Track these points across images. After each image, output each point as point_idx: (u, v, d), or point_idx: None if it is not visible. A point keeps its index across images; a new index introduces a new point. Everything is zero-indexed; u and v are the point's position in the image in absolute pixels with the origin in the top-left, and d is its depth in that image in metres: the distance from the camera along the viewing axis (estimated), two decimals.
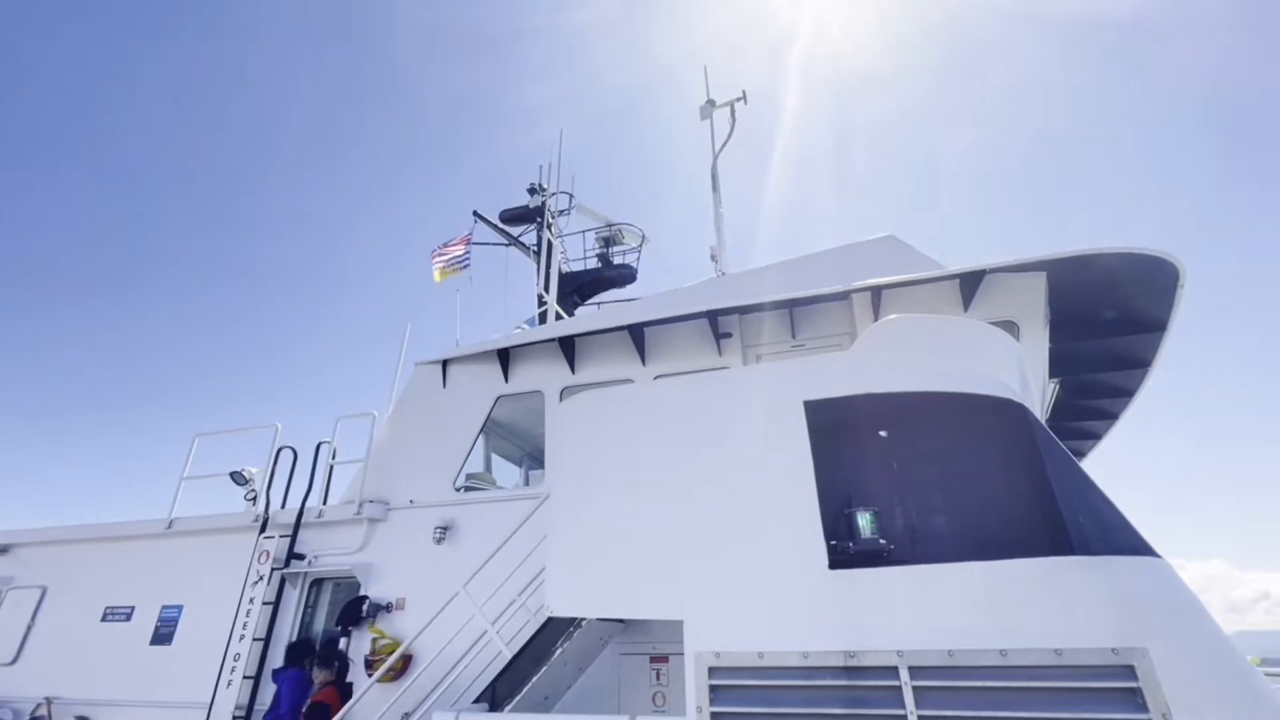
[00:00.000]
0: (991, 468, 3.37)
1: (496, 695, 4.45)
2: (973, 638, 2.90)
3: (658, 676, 5.24)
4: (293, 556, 6.91)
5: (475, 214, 10.52)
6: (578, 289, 10.42)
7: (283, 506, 7.45)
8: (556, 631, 4.61)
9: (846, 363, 3.99)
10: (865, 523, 3.28)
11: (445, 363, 7.42)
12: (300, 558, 6.95)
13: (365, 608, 6.26)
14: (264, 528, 7.16)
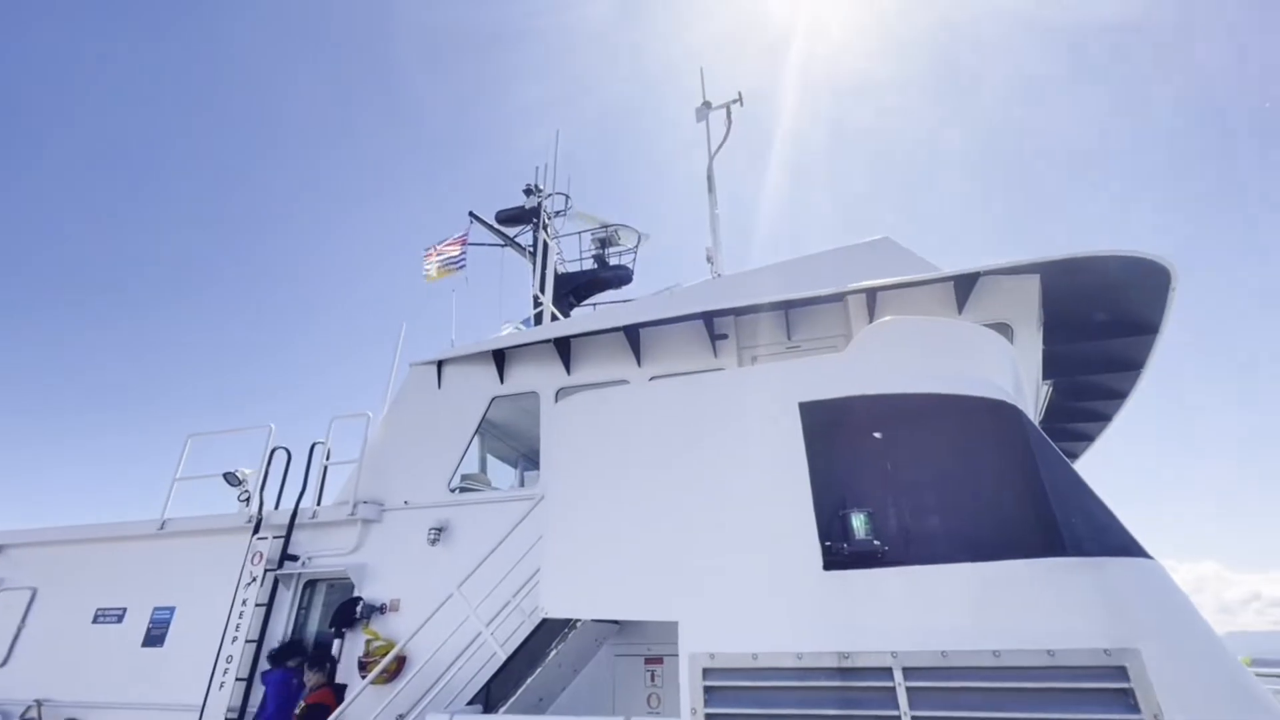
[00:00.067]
0: (985, 469, 3.38)
1: (491, 697, 4.45)
2: (966, 638, 2.92)
3: (652, 678, 5.24)
4: (286, 558, 6.88)
5: (471, 214, 10.51)
6: (574, 290, 10.42)
7: (276, 507, 7.41)
8: (551, 633, 4.61)
9: (841, 364, 4.01)
10: (859, 524, 3.29)
11: (440, 363, 7.40)
12: (294, 559, 6.91)
13: (359, 609, 6.24)
14: (257, 529, 7.11)
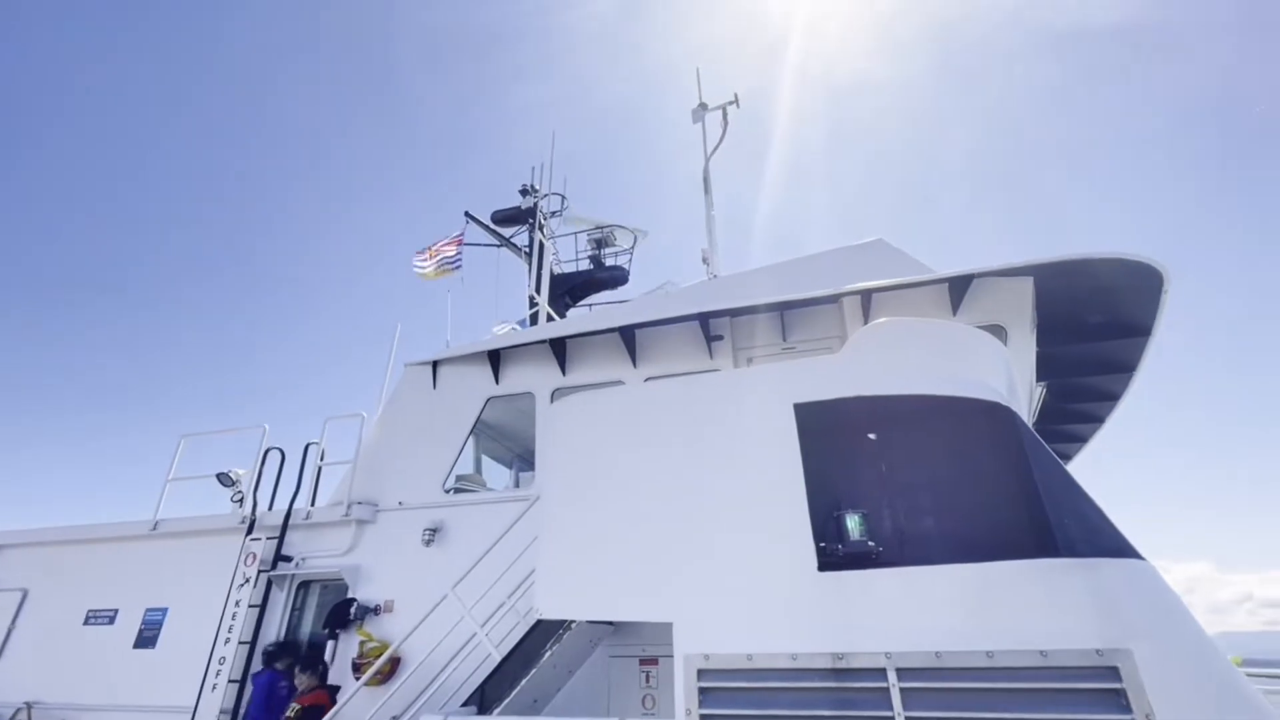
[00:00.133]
0: (979, 471, 3.39)
1: (485, 698, 4.43)
2: (960, 639, 2.93)
3: (647, 679, 5.23)
4: (280, 558, 6.85)
5: (467, 214, 10.50)
6: (569, 290, 10.42)
7: (270, 508, 7.39)
8: (546, 634, 4.60)
9: (836, 366, 4.02)
10: (854, 525, 3.29)
11: (435, 364, 7.39)
12: (287, 560, 6.88)
13: (353, 610, 6.21)
14: (251, 529, 7.08)
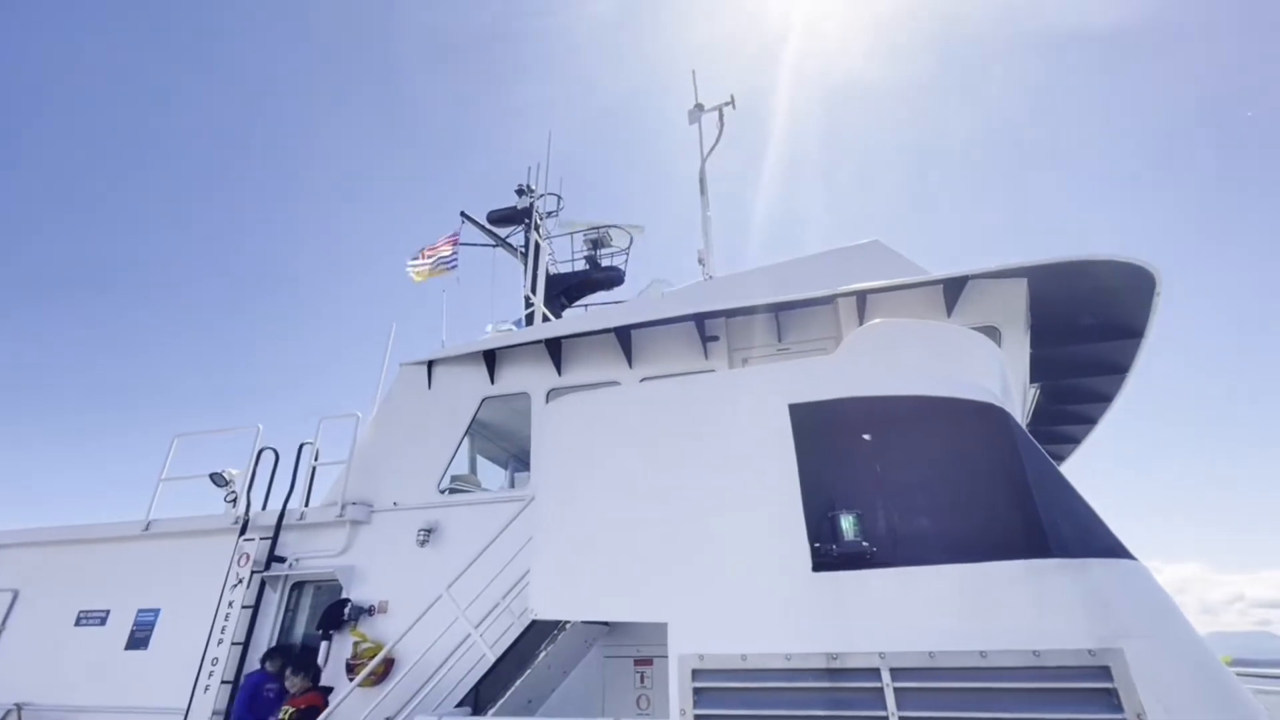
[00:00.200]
0: (973, 471, 3.40)
1: (480, 699, 4.42)
2: (953, 639, 2.94)
3: (642, 679, 5.23)
4: (273, 559, 6.82)
5: (463, 214, 10.48)
6: (565, 291, 10.40)
7: (263, 508, 7.35)
8: (541, 634, 4.59)
9: (831, 366, 4.03)
10: (848, 525, 3.30)
11: (430, 364, 7.37)
12: (281, 560, 6.85)
13: (347, 611, 6.19)
14: (244, 530, 7.05)
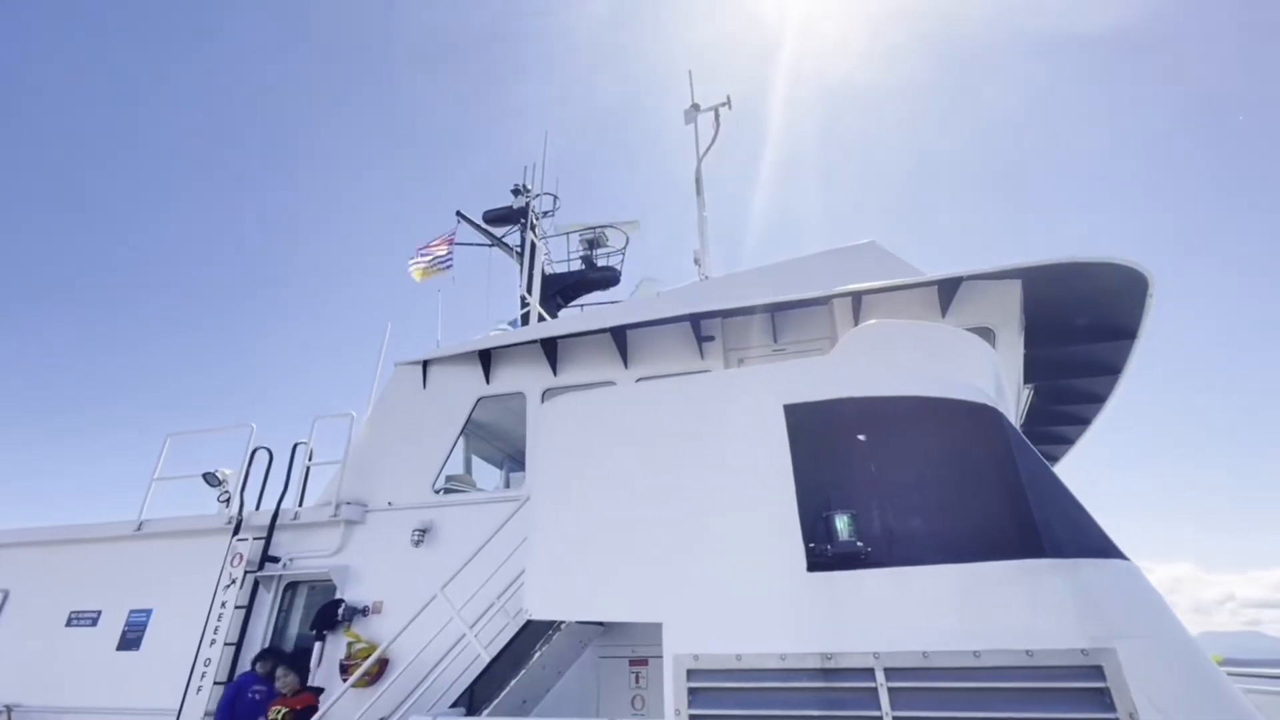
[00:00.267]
0: (966, 472, 3.41)
1: (474, 699, 4.41)
2: (947, 639, 2.94)
3: (637, 679, 5.23)
4: (267, 559, 6.79)
5: (459, 214, 10.47)
6: (561, 291, 10.40)
7: (257, 508, 7.31)
8: (535, 635, 4.59)
9: (826, 367, 4.03)
10: (843, 525, 3.30)
11: (426, 363, 7.35)
12: (275, 560, 6.82)
13: (341, 611, 6.16)
14: (237, 530, 7.01)
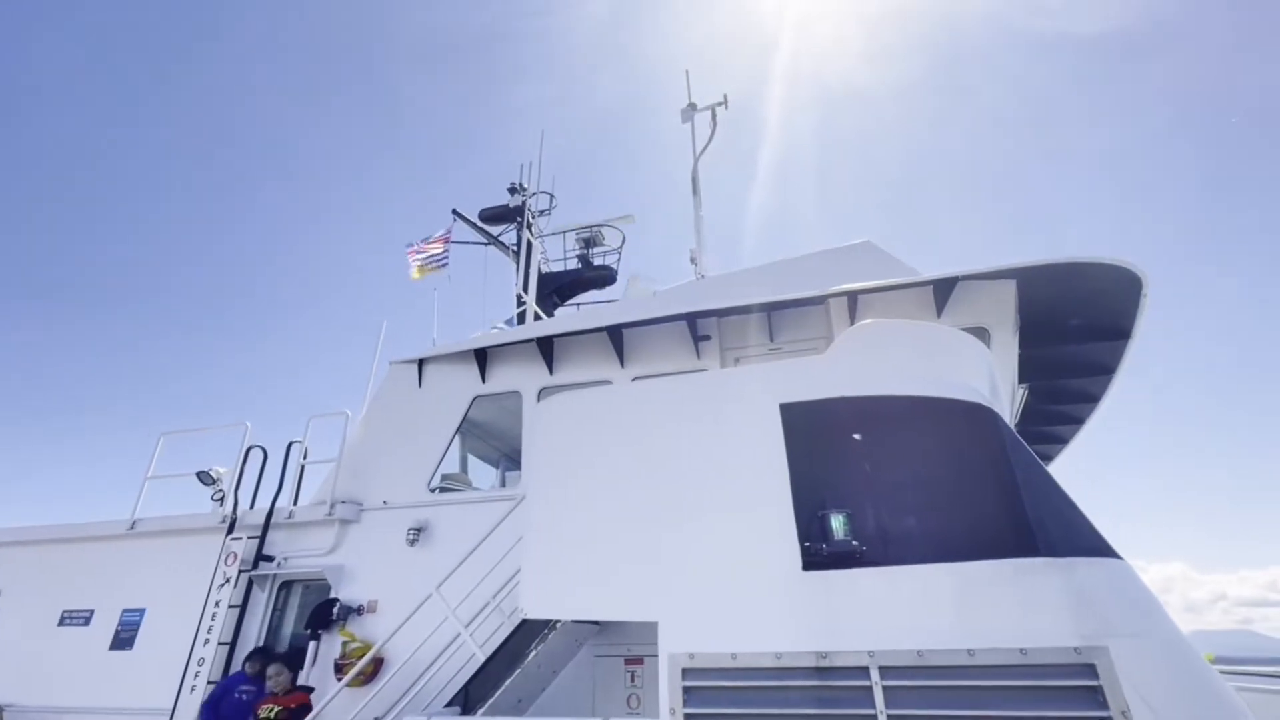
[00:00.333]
0: (961, 471, 3.43)
1: (469, 698, 4.41)
2: (941, 638, 2.95)
3: (632, 678, 5.23)
4: (261, 558, 6.76)
5: (454, 212, 10.43)
6: (557, 290, 10.38)
7: (251, 507, 7.29)
8: (531, 634, 4.59)
9: (822, 366, 4.03)
10: (838, 525, 3.31)
11: (421, 362, 7.33)
12: (269, 559, 6.80)
13: (336, 610, 6.15)
14: (231, 529, 6.99)
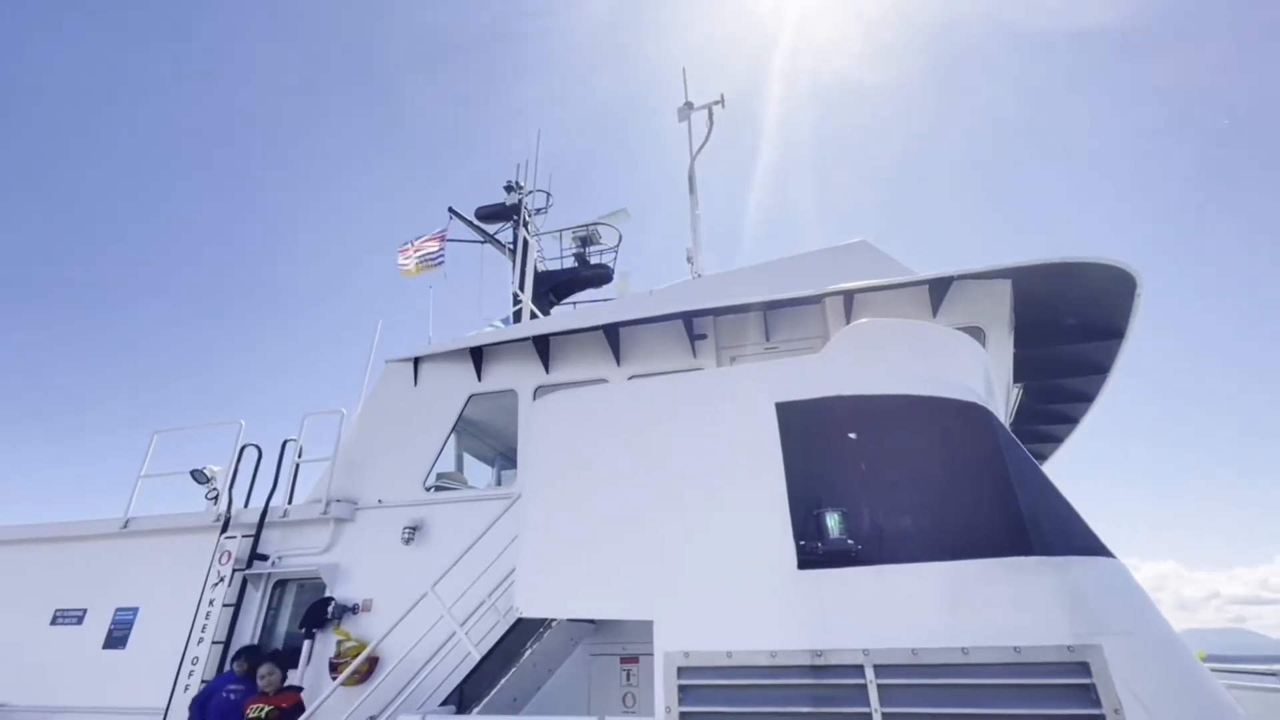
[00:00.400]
0: (956, 470, 3.43)
1: (464, 697, 4.40)
2: (936, 636, 2.96)
3: (628, 677, 5.23)
4: (255, 557, 6.74)
5: (450, 210, 10.40)
6: (554, 288, 10.37)
7: (245, 506, 7.26)
8: (526, 632, 4.58)
9: (818, 365, 4.04)
10: (833, 523, 3.31)
11: (417, 360, 7.32)
12: (263, 558, 6.77)
13: (330, 609, 6.13)
14: (225, 527, 6.96)
